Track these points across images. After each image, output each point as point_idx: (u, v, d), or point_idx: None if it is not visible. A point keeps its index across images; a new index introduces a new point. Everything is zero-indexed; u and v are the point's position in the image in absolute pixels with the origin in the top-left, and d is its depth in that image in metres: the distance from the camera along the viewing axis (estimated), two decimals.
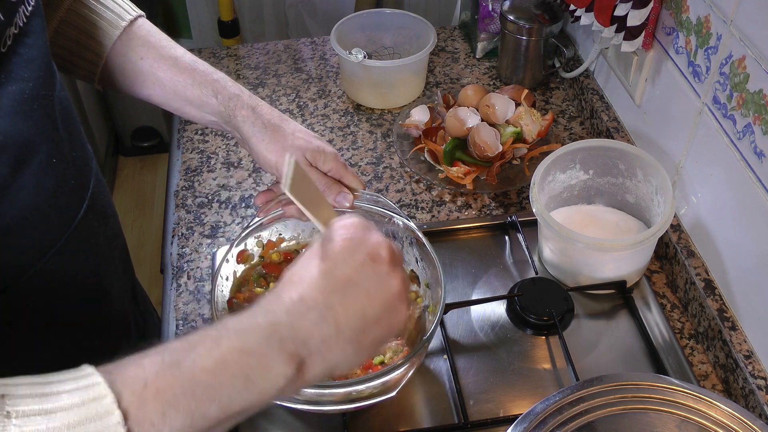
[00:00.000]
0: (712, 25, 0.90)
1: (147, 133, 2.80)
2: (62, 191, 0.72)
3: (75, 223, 0.75)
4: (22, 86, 0.64)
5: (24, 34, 0.65)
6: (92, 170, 0.81)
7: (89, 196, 0.78)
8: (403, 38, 1.40)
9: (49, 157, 0.69)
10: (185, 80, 0.85)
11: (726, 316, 0.92)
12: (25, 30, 0.66)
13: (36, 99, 0.66)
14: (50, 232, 0.72)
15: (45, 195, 0.69)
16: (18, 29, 0.64)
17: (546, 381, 0.92)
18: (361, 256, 0.59)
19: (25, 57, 0.65)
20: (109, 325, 0.89)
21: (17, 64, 0.64)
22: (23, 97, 0.64)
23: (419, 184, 1.19)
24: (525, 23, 1.29)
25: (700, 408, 0.74)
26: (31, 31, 0.66)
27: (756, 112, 0.82)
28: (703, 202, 0.97)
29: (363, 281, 0.58)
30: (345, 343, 0.57)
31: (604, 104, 1.24)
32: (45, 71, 0.68)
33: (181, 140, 1.29)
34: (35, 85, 0.66)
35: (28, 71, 0.65)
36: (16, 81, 0.64)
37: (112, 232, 0.86)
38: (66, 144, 0.73)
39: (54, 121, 0.70)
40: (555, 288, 0.99)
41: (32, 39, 0.66)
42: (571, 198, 1.08)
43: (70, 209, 0.75)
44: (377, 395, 0.81)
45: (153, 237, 2.52)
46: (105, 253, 0.84)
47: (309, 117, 1.33)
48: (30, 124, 0.65)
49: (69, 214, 0.74)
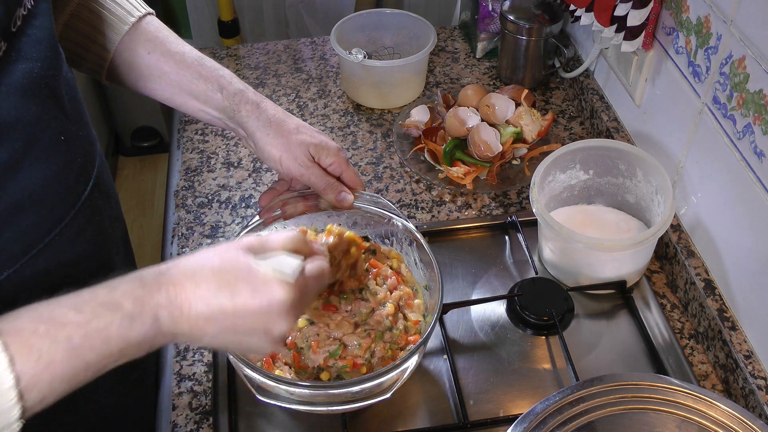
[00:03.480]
0: (712, 25, 0.90)
1: (147, 133, 2.80)
2: (70, 168, 0.74)
3: (82, 199, 0.77)
4: (30, 65, 0.66)
5: (32, 15, 0.67)
6: (97, 150, 0.83)
7: (95, 174, 0.80)
8: (403, 38, 1.40)
9: (58, 134, 0.71)
10: (191, 75, 0.87)
11: (726, 316, 0.92)
12: (34, 12, 0.68)
13: (44, 78, 0.68)
14: (58, 208, 0.74)
15: (54, 172, 0.71)
16: (27, 11, 0.67)
17: (546, 381, 0.92)
18: (259, 325, 0.65)
19: (33, 37, 0.67)
20: None
21: (26, 44, 0.66)
22: (32, 76, 0.66)
23: (419, 184, 1.19)
24: (525, 23, 1.29)
25: (700, 408, 0.74)
26: (38, 13, 0.68)
27: (756, 112, 0.82)
28: (703, 202, 0.97)
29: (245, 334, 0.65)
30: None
31: (604, 104, 1.24)
32: (52, 52, 0.70)
33: (181, 140, 1.29)
34: (43, 65, 0.68)
35: (36, 51, 0.67)
36: (26, 60, 0.66)
37: (115, 213, 0.89)
38: (73, 123, 0.75)
39: (61, 101, 0.72)
40: (555, 288, 0.99)
41: (40, 20, 0.68)
42: (571, 198, 1.08)
43: (78, 185, 0.77)
44: (372, 397, 0.81)
45: (153, 237, 2.52)
46: (108, 231, 0.86)
47: (309, 117, 1.33)
48: (38, 102, 0.68)
49: (76, 190, 0.76)
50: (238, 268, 0.64)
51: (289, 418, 0.89)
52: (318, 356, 0.83)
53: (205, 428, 0.88)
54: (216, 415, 0.89)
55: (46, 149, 0.70)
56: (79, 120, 0.77)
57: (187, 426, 0.89)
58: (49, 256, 0.73)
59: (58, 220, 0.74)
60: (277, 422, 0.89)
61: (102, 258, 0.84)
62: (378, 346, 0.85)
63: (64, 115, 0.73)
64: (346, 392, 0.79)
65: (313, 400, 0.81)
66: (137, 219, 2.59)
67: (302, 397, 0.80)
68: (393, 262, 0.95)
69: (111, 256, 0.87)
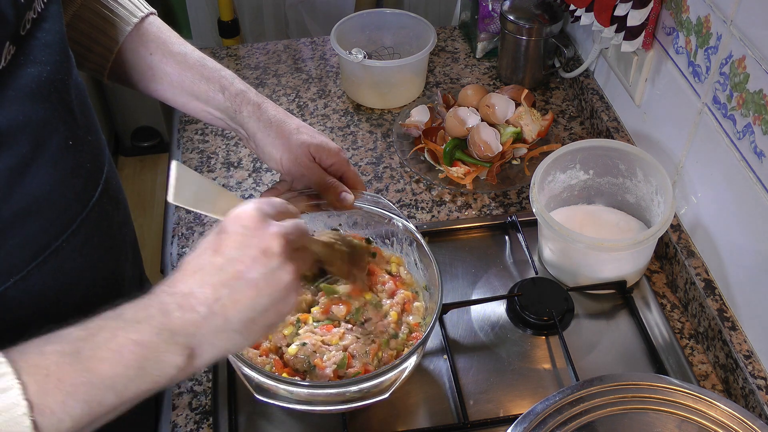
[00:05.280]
0: (712, 25, 0.90)
1: (147, 133, 2.80)
2: (79, 173, 0.74)
3: (90, 205, 0.76)
4: (39, 69, 0.66)
5: (42, 19, 0.67)
6: (106, 156, 0.83)
7: (104, 179, 0.80)
8: (403, 38, 1.40)
9: (66, 139, 0.71)
10: (193, 75, 0.87)
11: (726, 316, 0.92)
12: (43, 15, 0.68)
13: (53, 83, 0.68)
14: (66, 214, 0.73)
15: (62, 176, 0.71)
16: (36, 14, 0.66)
17: (546, 381, 0.92)
18: (253, 251, 0.61)
19: (42, 41, 0.67)
20: None
21: (35, 48, 0.66)
22: (41, 80, 0.66)
23: (419, 184, 1.19)
24: (525, 23, 1.29)
25: (700, 408, 0.74)
26: (48, 17, 0.68)
27: (756, 112, 0.82)
28: (703, 202, 0.97)
29: (253, 275, 0.61)
30: (233, 332, 0.61)
31: (604, 104, 1.24)
32: (62, 56, 0.70)
33: (181, 140, 1.29)
34: (52, 69, 0.68)
35: (45, 55, 0.67)
36: (34, 64, 0.66)
37: (123, 218, 0.88)
38: (82, 128, 0.75)
39: (70, 105, 0.72)
40: (555, 288, 0.99)
41: (49, 24, 0.68)
42: (571, 198, 1.08)
43: (86, 191, 0.76)
44: (371, 396, 0.81)
45: (153, 237, 2.52)
46: (117, 237, 0.85)
47: (309, 117, 1.33)
48: (47, 106, 0.67)
49: (85, 195, 0.76)
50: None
51: (289, 418, 0.89)
52: (327, 370, 0.83)
53: (205, 428, 0.88)
54: (216, 415, 0.89)
55: (54, 154, 0.69)
56: (88, 125, 0.77)
57: (187, 426, 0.89)
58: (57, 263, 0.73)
59: (66, 226, 0.73)
60: (277, 422, 0.89)
61: (110, 264, 0.84)
62: (384, 353, 0.85)
63: (73, 119, 0.72)
64: (345, 392, 0.79)
65: (311, 400, 0.81)
66: (137, 219, 2.59)
67: (301, 396, 0.80)
68: (392, 266, 0.95)
69: (120, 263, 0.87)
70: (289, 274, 0.62)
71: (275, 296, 0.62)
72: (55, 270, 0.73)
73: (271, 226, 0.63)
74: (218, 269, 0.60)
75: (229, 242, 0.61)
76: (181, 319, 0.59)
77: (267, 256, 0.61)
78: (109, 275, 0.84)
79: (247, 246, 0.61)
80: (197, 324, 0.59)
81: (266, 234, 0.62)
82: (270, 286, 0.61)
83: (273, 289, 0.62)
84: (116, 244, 0.85)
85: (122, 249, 0.88)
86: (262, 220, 0.63)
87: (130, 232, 0.92)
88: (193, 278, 0.61)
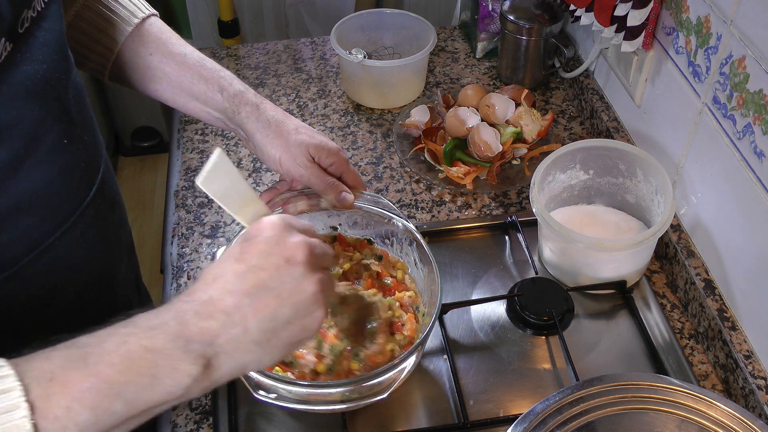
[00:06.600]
0: (712, 25, 0.90)
1: (147, 133, 2.80)
2: (73, 172, 0.74)
3: (84, 204, 0.77)
4: (36, 67, 0.66)
5: (41, 18, 0.67)
6: (102, 157, 0.83)
7: (99, 180, 0.80)
8: (403, 38, 1.40)
9: (61, 138, 0.71)
10: (192, 76, 0.87)
11: (726, 316, 0.92)
12: (43, 14, 0.68)
13: (49, 81, 0.68)
14: (60, 212, 0.73)
15: (55, 175, 0.71)
16: (36, 13, 0.67)
17: (546, 381, 0.92)
18: (276, 259, 0.59)
19: (40, 40, 0.67)
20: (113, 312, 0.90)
21: (33, 46, 0.66)
22: (37, 78, 0.66)
23: (419, 184, 1.19)
24: (525, 23, 1.29)
25: (700, 408, 0.74)
26: (48, 16, 0.68)
27: (756, 112, 0.82)
28: (703, 202, 0.97)
29: (276, 284, 0.58)
30: (252, 344, 0.58)
31: (604, 104, 1.24)
32: (60, 55, 0.70)
33: (181, 140, 1.29)
34: (49, 67, 0.68)
35: (42, 54, 0.67)
36: (32, 62, 0.66)
37: (119, 221, 0.88)
38: (78, 128, 0.75)
39: (66, 104, 0.72)
40: (555, 288, 0.99)
41: (49, 23, 0.68)
42: (571, 198, 1.08)
43: (80, 190, 0.76)
44: (370, 396, 0.80)
45: (153, 237, 2.52)
46: (112, 239, 0.85)
47: (309, 117, 1.33)
48: (42, 104, 0.67)
49: (79, 194, 0.76)
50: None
51: (289, 418, 0.89)
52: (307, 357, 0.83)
53: (205, 428, 0.88)
54: (216, 415, 0.89)
55: (48, 152, 0.69)
56: (84, 125, 0.77)
57: (187, 426, 0.89)
58: (49, 260, 0.73)
59: (59, 224, 0.73)
60: (277, 422, 0.89)
61: (104, 265, 0.84)
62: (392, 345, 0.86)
63: (70, 119, 0.73)
64: (344, 392, 0.79)
65: (310, 399, 0.81)
66: (137, 219, 2.58)
67: (299, 395, 0.80)
68: (398, 273, 0.95)
69: (114, 264, 0.87)
70: (314, 285, 0.60)
71: (299, 308, 0.59)
72: (47, 267, 0.73)
73: (295, 236, 0.61)
74: (239, 277, 0.58)
75: (252, 250, 0.60)
76: (198, 326, 0.56)
77: (291, 264, 0.59)
78: (103, 275, 0.84)
79: (270, 254, 0.59)
80: (215, 332, 0.56)
81: (290, 243, 0.60)
82: (293, 296, 0.59)
83: (296, 300, 0.59)
84: (111, 245, 0.85)
85: (117, 251, 0.88)
86: (286, 229, 0.61)
87: (126, 234, 0.92)
88: (212, 286, 0.58)
